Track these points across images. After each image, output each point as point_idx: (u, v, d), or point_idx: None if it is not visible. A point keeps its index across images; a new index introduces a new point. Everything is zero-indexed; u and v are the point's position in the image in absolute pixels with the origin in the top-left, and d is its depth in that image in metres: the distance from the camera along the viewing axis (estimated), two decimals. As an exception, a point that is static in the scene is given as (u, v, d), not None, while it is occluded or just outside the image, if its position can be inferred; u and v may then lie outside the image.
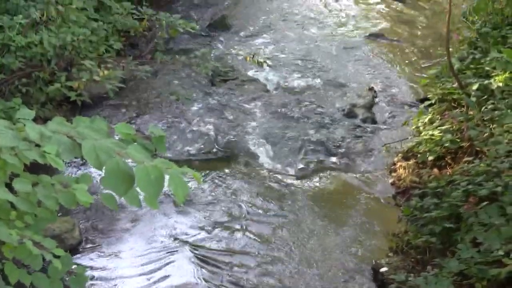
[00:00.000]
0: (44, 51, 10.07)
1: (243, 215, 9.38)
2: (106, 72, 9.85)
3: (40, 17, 10.10)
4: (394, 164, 10.36)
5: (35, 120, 3.46)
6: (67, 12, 10.34)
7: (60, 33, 10.23)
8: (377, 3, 16.81)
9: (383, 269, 8.12)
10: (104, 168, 3.01)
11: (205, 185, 9.92)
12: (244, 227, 9.13)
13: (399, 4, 16.66)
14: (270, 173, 10.34)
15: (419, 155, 9.92)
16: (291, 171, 10.43)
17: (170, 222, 9.21)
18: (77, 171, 9.95)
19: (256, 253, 8.69)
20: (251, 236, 8.98)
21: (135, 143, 3.41)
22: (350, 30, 15.32)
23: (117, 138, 3.40)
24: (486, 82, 9.48)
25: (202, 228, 9.10)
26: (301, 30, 15.16)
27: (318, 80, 13.01)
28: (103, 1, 12.17)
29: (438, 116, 10.45)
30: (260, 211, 9.47)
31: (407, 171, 9.94)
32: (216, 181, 10.11)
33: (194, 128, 11.31)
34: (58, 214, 8.29)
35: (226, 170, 10.39)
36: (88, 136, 3.19)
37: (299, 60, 13.75)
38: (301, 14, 16.02)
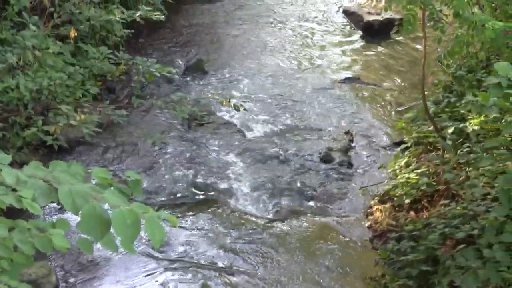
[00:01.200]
0: (20, 96, 10.04)
1: (218, 259, 9.35)
2: (82, 116, 9.82)
3: (17, 62, 10.09)
4: (371, 207, 10.37)
5: (11, 164, 3.45)
6: (44, 57, 10.35)
7: (36, 78, 10.21)
8: (354, 49, 16.91)
9: (361, 313, 8.12)
10: (80, 212, 3.01)
11: (181, 229, 9.89)
12: (219, 271, 9.10)
13: (376, 48, 16.78)
14: (246, 217, 10.31)
15: (395, 198, 9.94)
16: (267, 215, 10.41)
17: (147, 264, 9.16)
18: (54, 215, 9.90)
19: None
20: (225, 280, 8.94)
21: (112, 188, 3.41)
22: (327, 72, 15.36)
23: (94, 183, 3.40)
24: (461, 125, 9.56)
25: (178, 270, 9.06)
26: (278, 72, 15.19)
27: (294, 124, 13.03)
28: (80, 46, 12.19)
29: (414, 159, 10.51)
30: (234, 254, 9.43)
31: (383, 214, 9.94)
32: (192, 224, 10.08)
33: (171, 172, 11.31)
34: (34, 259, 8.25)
35: (202, 214, 10.36)
36: (65, 180, 3.19)
37: (275, 103, 13.77)
38: (277, 53, 16.06)
